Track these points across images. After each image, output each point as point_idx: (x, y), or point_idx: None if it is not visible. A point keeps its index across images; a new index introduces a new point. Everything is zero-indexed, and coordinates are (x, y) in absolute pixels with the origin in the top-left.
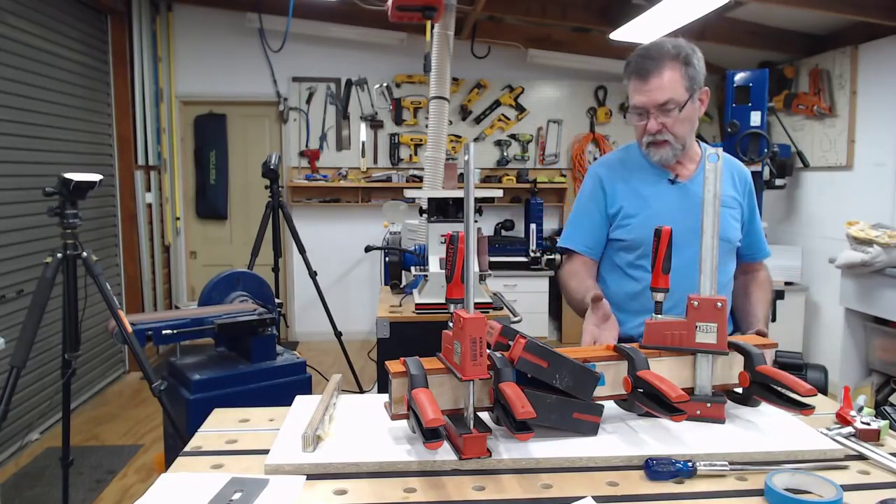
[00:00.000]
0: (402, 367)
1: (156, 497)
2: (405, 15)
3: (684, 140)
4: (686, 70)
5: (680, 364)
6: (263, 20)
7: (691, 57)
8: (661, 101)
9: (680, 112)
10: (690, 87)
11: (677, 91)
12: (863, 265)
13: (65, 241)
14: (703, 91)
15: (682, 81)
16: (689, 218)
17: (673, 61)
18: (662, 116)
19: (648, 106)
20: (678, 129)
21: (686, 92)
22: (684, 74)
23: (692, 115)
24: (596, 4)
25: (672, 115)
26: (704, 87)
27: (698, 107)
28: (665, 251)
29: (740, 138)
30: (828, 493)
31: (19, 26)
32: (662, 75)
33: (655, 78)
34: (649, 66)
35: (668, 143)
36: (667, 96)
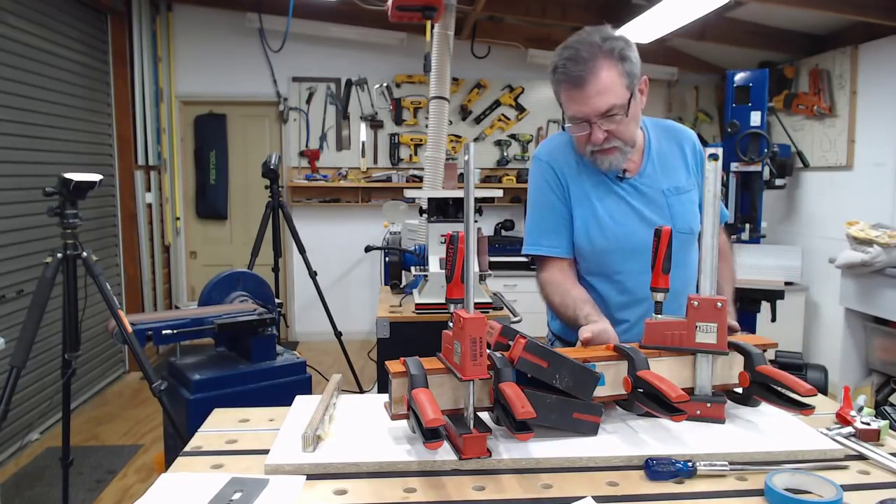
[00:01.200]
0: (402, 367)
1: (156, 497)
2: (405, 15)
3: (633, 141)
4: (623, 66)
5: (680, 364)
6: (263, 20)
7: (626, 50)
8: (603, 109)
9: (626, 115)
10: (630, 84)
11: (619, 93)
12: (863, 265)
13: (65, 241)
14: (641, 81)
15: (620, 81)
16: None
17: (607, 59)
18: (607, 124)
19: (589, 116)
20: (625, 132)
21: (627, 91)
22: (622, 72)
23: (637, 112)
24: (596, 4)
25: (616, 121)
26: (642, 75)
27: (640, 99)
28: (665, 251)
29: (740, 138)
30: (828, 493)
31: (19, 26)
32: (599, 79)
33: (591, 84)
34: (581, 70)
35: (616, 149)
36: (609, 102)
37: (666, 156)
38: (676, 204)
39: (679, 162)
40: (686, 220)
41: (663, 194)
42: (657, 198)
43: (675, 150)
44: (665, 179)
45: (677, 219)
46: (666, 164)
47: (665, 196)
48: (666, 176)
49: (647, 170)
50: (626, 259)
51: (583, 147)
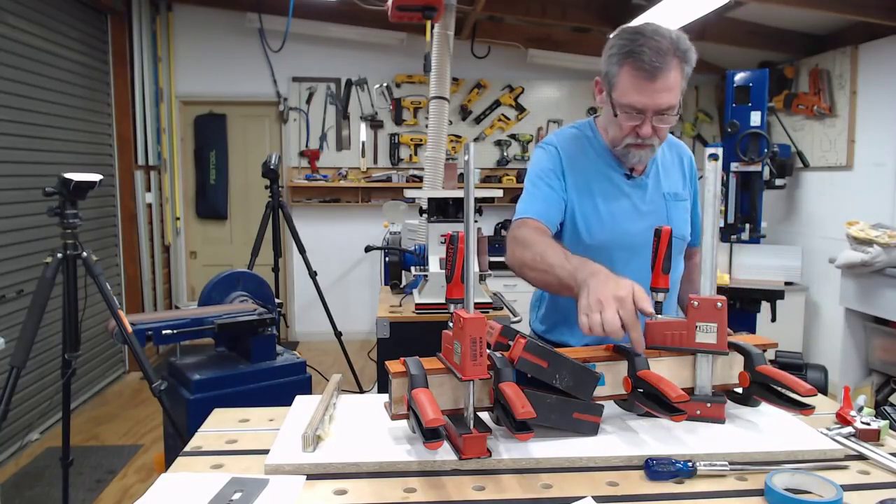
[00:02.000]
0: (402, 367)
1: (156, 497)
2: (405, 15)
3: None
4: (686, 69)
5: (680, 364)
6: (263, 20)
7: (691, 53)
8: (664, 106)
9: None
10: (684, 88)
11: (678, 95)
12: (863, 265)
13: (65, 241)
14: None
15: (681, 84)
16: (650, 216)
17: (678, 59)
18: (658, 121)
19: (650, 108)
20: (665, 132)
21: (680, 94)
22: (684, 75)
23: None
24: (596, 4)
25: (667, 121)
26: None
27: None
28: (665, 251)
29: (740, 138)
30: (828, 493)
31: (19, 26)
32: (669, 76)
33: (662, 79)
34: (660, 63)
35: (651, 146)
36: (670, 101)
37: (668, 163)
38: (674, 209)
39: (678, 171)
40: (680, 226)
41: (664, 198)
42: (659, 200)
43: (675, 159)
44: (667, 184)
45: (673, 223)
46: (668, 171)
47: (665, 200)
48: (668, 181)
49: (653, 172)
50: (623, 256)
51: (621, 137)
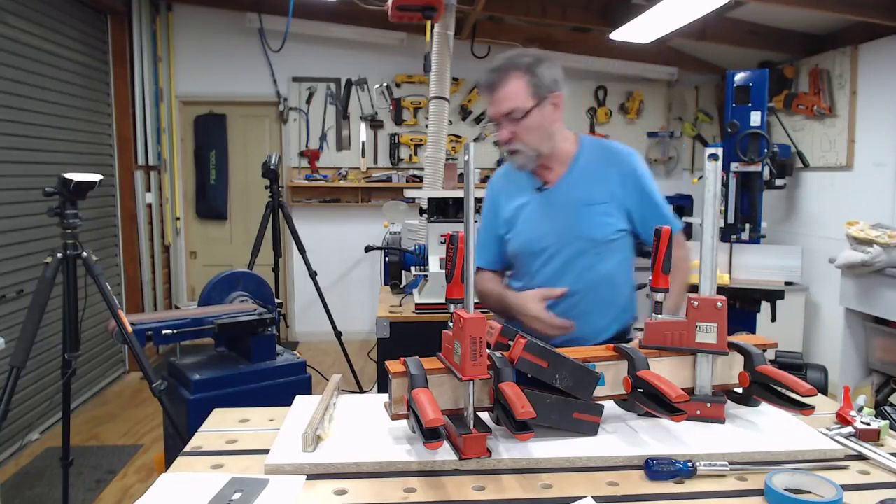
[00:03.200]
0: (402, 367)
1: (156, 497)
2: (405, 15)
3: (536, 147)
4: (530, 79)
5: (680, 364)
6: (263, 20)
7: (535, 66)
8: (505, 111)
9: (525, 119)
10: (537, 94)
11: (521, 99)
12: (863, 265)
13: (65, 241)
14: (554, 96)
15: (526, 90)
16: (557, 222)
17: (516, 71)
18: (510, 125)
19: (497, 116)
20: (528, 138)
21: (531, 99)
22: (529, 83)
23: (542, 122)
24: (596, 4)
25: (519, 124)
26: (556, 91)
27: (550, 111)
28: (665, 251)
29: (740, 138)
30: (828, 493)
31: (19, 26)
32: (507, 86)
33: (500, 89)
34: (495, 78)
35: (520, 152)
36: (511, 105)
37: (592, 172)
38: (584, 214)
39: (603, 179)
40: (591, 229)
41: (574, 204)
42: (567, 207)
43: (603, 169)
44: (582, 191)
45: (582, 228)
46: (589, 179)
47: (575, 206)
48: (584, 189)
49: (565, 181)
50: (535, 261)
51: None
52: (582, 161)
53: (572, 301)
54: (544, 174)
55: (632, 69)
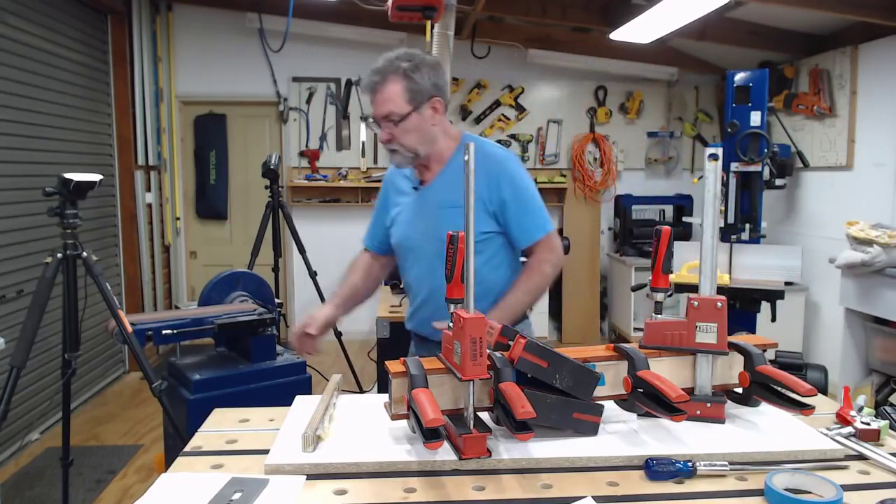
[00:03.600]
0: (402, 367)
1: (156, 497)
2: (405, 15)
3: (413, 149)
4: (408, 84)
5: (680, 364)
6: (263, 20)
7: (413, 71)
8: (383, 114)
9: (401, 123)
10: (414, 99)
11: (398, 104)
12: (863, 265)
13: (65, 241)
14: (434, 100)
15: (403, 94)
16: (424, 222)
17: (394, 75)
18: (389, 127)
19: (376, 118)
20: (405, 140)
21: (408, 104)
22: (406, 88)
23: (420, 125)
24: (596, 4)
25: (398, 126)
26: (435, 96)
27: (430, 115)
28: (665, 251)
29: (740, 138)
30: (828, 493)
31: (19, 26)
32: (384, 89)
33: (379, 92)
34: (375, 80)
35: (398, 152)
36: (387, 109)
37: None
38: (449, 216)
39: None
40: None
41: (441, 205)
42: (434, 208)
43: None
44: (449, 193)
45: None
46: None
47: (441, 207)
48: (451, 190)
49: (437, 182)
50: (407, 259)
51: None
52: (455, 163)
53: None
54: (423, 173)
55: (632, 69)
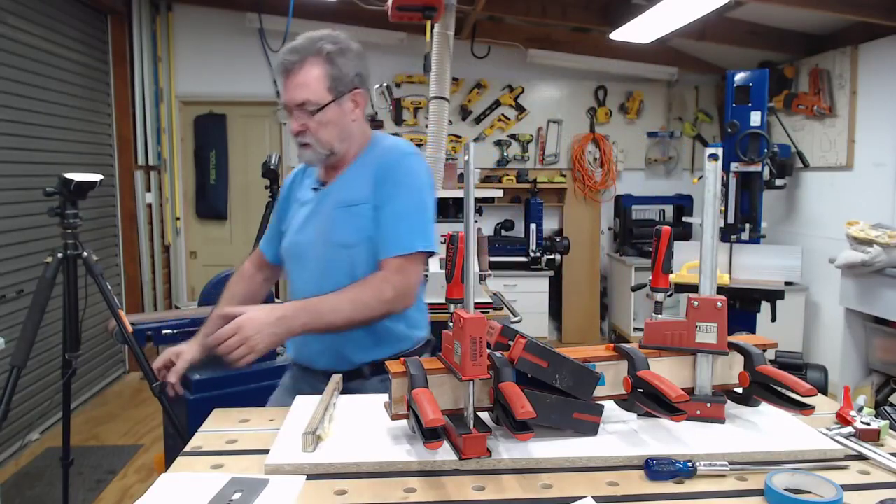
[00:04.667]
0: (402, 367)
1: (156, 497)
2: (405, 15)
3: (330, 146)
4: (329, 69)
5: (680, 364)
6: (263, 20)
7: (336, 56)
8: (298, 101)
9: (318, 114)
10: (335, 88)
11: (317, 91)
12: (863, 265)
13: (65, 241)
14: (356, 92)
15: (323, 80)
16: (317, 226)
17: (315, 57)
18: (303, 117)
19: (290, 104)
20: (321, 134)
21: (328, 93)
22: (327, 74)
23: (339, 120)
24: (596, 4)
25: (313, 117)
26: (358, 88)
27: (350, 109)
28: (665, 251)
29: (740, 138)
30: (828, 493)
31: (19, 26)
32: (302, 73)
33: (295, 75)
34: (292, 61)
35: (310, 146)
36: (304, 96)
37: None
38: (340, 217)
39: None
40: (342, 233)
41: (334, 207)
42: (328, 210)
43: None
44: (345, 193)
45: (334, 232)
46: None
47: (335, 209)
48: (348, 190)
49: (336, 183)
50: (291, 267)
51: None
52: (360, 161)
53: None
54: (328, 174)
55: (632, 69)
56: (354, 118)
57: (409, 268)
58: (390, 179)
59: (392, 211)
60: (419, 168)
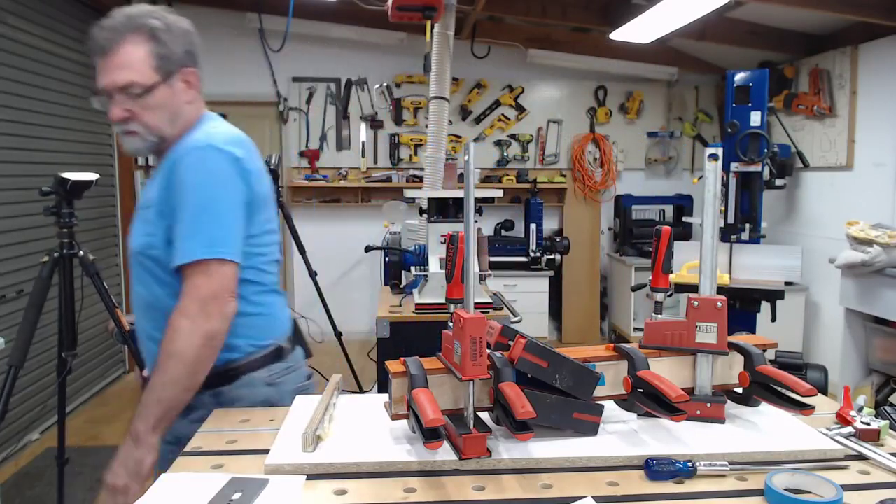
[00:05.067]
0: (402, 367)
1: (156, 497)
2: (405, 15)
3: (159, 131)
4: (153, 47)
5: (680, 364)
6: (263, 20)
7: (160, 32)
8: (121, 84)
9: (144, 97)
10: (162, 67)
11: (140, 71)
12: (863, 265)
13: (61, 241)
14: (186, 71)
15: (147, 61)
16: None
17: (137, 34)
18: (126, 102)
19: (109, 88)
20: (149, 119)
21: (155, 73)
22: (151, 52)
23: (169, 102)
24: (596, 4)
25: (139, 101)
26: (190, 66)
27: (182, 89)
28: (665, 251)
29: (740, 138)
30: (828, 493)
31: (19, 26)
32: (123, 52)
33: (115, 55)
34: (110, 39)
35: (137, 134)
36: (127, 78)
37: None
38: (136, 221)
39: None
40: (134, 239)
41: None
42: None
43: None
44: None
45: (131, 238)
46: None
47: (137, 210)
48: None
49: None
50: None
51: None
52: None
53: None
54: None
55: (632, 69)
56: (188, 99)
57: (199, 280)
58: (175, 179)
59: (179, 216)
60: (210, 163)
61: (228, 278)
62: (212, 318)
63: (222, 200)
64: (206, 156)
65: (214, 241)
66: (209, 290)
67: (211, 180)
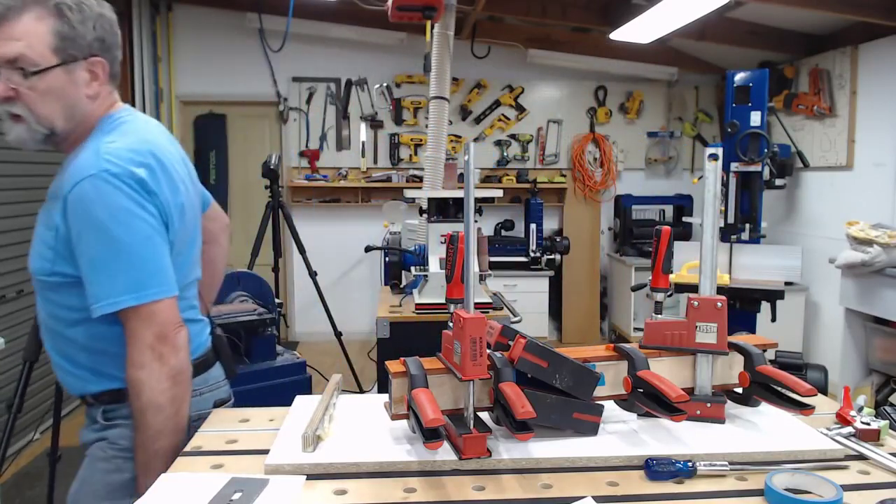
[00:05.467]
0: (402, 367)
1: (156, 497)
2: (405, 15)
3: (49, 123)
4: (57, 24)
5: (680, 364)
6: (263, 20)
7: (69, 10)
8: (8, 56)
9: (36, 77)
10: (63, 49)
11: (35, 46)
12: (863, 265)
13: None
14: (94, 62)
15: (49, 39)
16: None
17: (39, 7)
18: (13, 78)
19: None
20: (38, 106)
21: (53, 54)
22: (54, 30)
23: (65, 90)
24: (596, 4)
25: (29, 80)
26: (98, 55)
27: (85, 80)
28: (665, 251)
29: (740, 138)
30: (828, 493)
31: None
32: (19, 23)
33: (8, 24)
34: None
35: (23, 121)
36: (17, 51)
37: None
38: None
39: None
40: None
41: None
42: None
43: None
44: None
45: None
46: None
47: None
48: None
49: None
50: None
51: None
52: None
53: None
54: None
55: (632, 69)
56: (91, 93)
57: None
58: (71, 211)
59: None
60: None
61: (168, 313)
62: (167, 358)
63: (131, 240)
64: (102, 189)
65: (139, 284)
66: (153, 335)
67: (113, 220)
